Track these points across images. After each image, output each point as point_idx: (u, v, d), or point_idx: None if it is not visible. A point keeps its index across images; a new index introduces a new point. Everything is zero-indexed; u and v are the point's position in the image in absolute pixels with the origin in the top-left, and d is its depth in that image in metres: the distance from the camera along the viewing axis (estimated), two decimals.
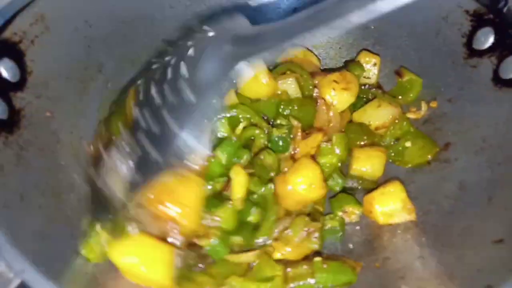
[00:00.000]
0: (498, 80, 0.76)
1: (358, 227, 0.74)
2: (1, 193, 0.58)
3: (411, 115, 0.88)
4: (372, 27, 0.96)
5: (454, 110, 0.82)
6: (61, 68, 0.80)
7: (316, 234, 0.67)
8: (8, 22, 0.72)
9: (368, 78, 0.92)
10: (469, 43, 0.82)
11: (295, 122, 0.78)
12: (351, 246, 0.71)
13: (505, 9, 0.82)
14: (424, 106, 0.87)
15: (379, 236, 0.71)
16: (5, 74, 0.69)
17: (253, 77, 0.78)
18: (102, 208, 0.64)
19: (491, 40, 0.78)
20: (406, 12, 0.89)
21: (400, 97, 0.89)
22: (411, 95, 0.88)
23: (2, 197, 0.58)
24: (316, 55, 0.96)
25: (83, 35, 0.86)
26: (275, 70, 0.86)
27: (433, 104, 0.86)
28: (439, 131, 0.82)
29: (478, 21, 0.81)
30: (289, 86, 0.83)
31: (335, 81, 0.83)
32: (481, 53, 0.79)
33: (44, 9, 0.78)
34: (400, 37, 0.92)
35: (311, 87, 0.85)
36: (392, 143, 0.83)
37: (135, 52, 0.92)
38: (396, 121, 0.83)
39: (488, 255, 0.56)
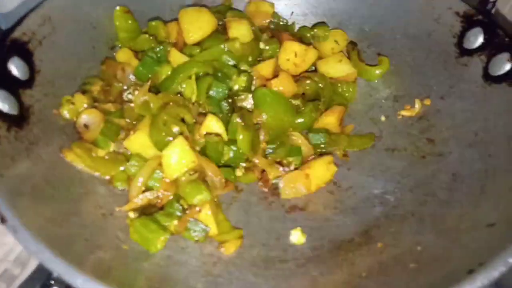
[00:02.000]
0: (487, 77, 0.79)
1: (354, 217, 0.76)
2: (14, 182, 0.60)
3: (405, 113, 0.91)
4: (367, 30, 1.00)
5: (447, 106, 0.86)
6: (66, 68, 0.83)
7: None
8: (18, 22, 0.75)
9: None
10: (460, 43, 0.86)
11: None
12: (349, 236, 0.73)
13: (493, 11, 0.86)
14: (418, 104, 0.90)
15: (377, 226, 0.73)
16: (15, 72, 0.72)
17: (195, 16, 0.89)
18: None
19: (480, 39, 0.82)
20: (400, 15, 0.95)
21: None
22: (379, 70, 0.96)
23: (15, 185, 0.60)
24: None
25: (88, 36, 0.89)
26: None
27: (427, 102, 0.90)
28: (433, 127, 0.85)
29: (468, 22, 0.85)
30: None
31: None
32: (472, 52, 0.83)
33: (51, 11, 0.81)
34: (394, 39, 0.96)
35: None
36: None
37: None
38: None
39: (481, 237, 0.59)
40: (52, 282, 0.83)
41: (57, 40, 0.81)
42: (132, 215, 0.72)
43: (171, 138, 0.75)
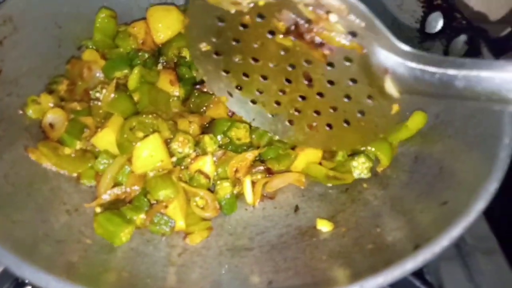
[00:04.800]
0: None
1: (321, 203, 0.78)
2: None
3: None
4: None
5: None
6: (31, 67, 0.83)
7: None
8: None
9: None
10: (422, 28, 0.86)
11: None
12: (315, 223, 0.74)
13: None
14: None
15: (342, 211, 0.75)
16: None
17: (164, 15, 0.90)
18: None
19: (440, 23, 0.83)
20: (365, 2, 0.96)
21: None
22: None
23: None
24: None
25: (53, 35, 0.88)
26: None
27: None
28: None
29: (429, 7, 0.85)
30: None
31: None
32: (433, 37, 0.84)
33: (12, 11, 0.80)
34: None
35: None
36: None
37: None
38: None
39: (434, 216, 0.60)
40: (27, 280, 0.83)
41: (20, 39, 0.81)
42: (98, 210, 0.73)
43: (134, 143, 0.76)
